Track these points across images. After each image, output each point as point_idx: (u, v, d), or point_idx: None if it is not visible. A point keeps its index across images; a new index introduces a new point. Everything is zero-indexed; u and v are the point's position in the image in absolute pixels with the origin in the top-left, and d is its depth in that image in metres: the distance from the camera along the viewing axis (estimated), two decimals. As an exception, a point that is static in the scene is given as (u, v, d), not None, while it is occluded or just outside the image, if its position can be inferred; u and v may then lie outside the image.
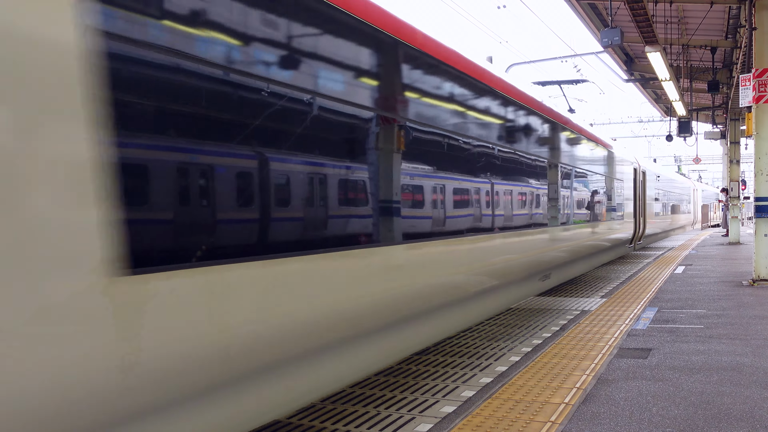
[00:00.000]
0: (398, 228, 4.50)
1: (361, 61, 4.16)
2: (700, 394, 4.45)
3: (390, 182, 4.47)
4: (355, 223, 4.06)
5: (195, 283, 2.74)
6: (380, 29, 4.36)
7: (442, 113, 5.15)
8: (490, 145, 5.96)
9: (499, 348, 5.97)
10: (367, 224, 4.17)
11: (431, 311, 4.92)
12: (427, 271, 4.75)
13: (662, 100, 24.94)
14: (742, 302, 8.43)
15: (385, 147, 4.42)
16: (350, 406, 4.42)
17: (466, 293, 5.36)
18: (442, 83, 5.21)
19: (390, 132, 4.48)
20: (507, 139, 6.39)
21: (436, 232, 4.90)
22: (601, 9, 14.82)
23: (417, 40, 4.91)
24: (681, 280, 10.93)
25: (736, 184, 21.39)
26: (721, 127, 25.85)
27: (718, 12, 14.47)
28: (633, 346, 5.93)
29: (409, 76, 4.75)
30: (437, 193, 4.97)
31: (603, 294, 9.26)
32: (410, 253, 4.59)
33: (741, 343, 5.99)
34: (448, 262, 5.02)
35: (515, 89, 6.90)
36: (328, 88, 3.81)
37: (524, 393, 4.56)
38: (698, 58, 18.98)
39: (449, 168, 5.19)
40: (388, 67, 4.47)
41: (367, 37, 4.23)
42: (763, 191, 9.98)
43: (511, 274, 6.46)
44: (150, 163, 2.62)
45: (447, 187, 5.12)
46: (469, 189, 5.52)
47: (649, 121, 51.12)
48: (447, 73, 5.31)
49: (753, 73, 9.91)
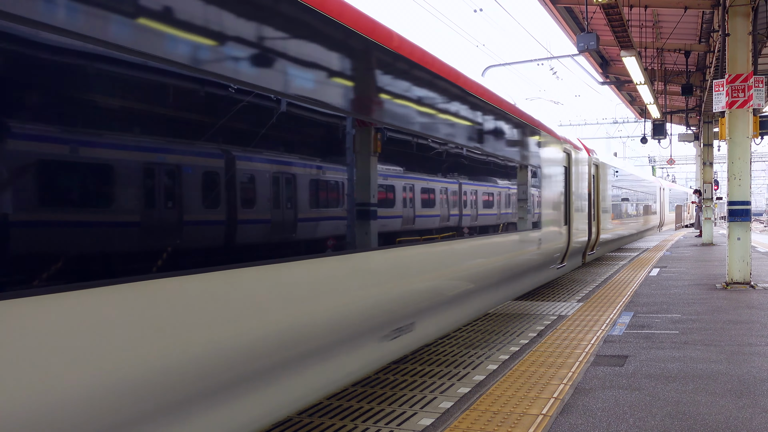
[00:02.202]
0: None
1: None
2: (676, 404, 4.47)
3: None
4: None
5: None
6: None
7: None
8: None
9: (476, 356, 5.96)
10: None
11: None
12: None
13: (637, 101, 25.21)
14: (716, 306, 8.52)
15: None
16: (327, 419, 4.37)
17: None
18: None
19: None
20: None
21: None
22: (578, 13, 14.93)
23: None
24: (656, 283, 11.03)
25: (709, 185, 21.68)
26: (694, 129, 26.19)
27: (692, 17, 14.64)
28: (609, 353, 5.96)
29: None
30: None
31: (579, 298, 9.31)
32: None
33: (716, 350, 6.04)
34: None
35: None
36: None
37: (502, 404, 4.55)
38: (672, 62, 19.20)
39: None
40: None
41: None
42: (736, 196, 10.11)
43: None
44: None
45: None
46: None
47: (623, 122, 51.65)
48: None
49: (726, 78, 10.04)
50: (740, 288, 10.06)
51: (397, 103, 5.15)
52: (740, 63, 9.96)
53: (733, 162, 10.10)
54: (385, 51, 4.88)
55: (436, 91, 5.92)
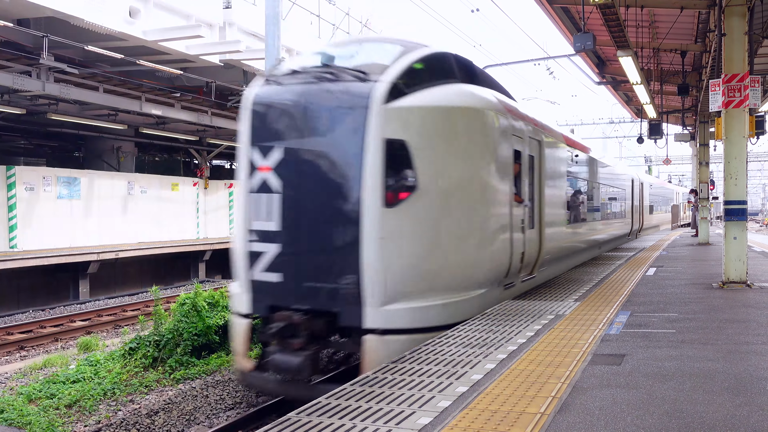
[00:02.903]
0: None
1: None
2: (674, 402, 4.48)
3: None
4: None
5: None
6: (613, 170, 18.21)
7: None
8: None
9: (474, 355, 5.97)
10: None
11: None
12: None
13: (633, 101, 25.24)
14: (712, 305, 8.55)
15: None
16: (326, 418, 4.38)
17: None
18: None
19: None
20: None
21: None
22: (574, 13, 14.95)
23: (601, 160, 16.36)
24: (653, 282, 11.05)
25: (705, 185, 21.73)
26: (690, 129, 26.24)
27: (688, 17, 14.67)
28: (607, 352, 5.97)
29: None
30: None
31: (577, 297, 9.32)
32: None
33: (712, 348, 6.06)
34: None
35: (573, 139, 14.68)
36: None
37: (500, 403, 4.56)
38: (669, 62, 19.24)
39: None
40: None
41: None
42: (732, 195, 10.13)
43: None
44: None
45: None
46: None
47: (620, 122, 51.74)
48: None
49: (722, 78, 10.06)
50: (737, 287, 10.09)
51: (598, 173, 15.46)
52: (736, 63, 9.98)
53: (729, 162, 10.12)
54: (610, 170, 16.55)
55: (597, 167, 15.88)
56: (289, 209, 6.84)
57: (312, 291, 6.77)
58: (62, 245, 17.59)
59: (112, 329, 13.91)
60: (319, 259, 6.78)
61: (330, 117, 6.77)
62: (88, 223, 18.51)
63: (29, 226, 16.80)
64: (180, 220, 22.04)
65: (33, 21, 14.85)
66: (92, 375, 9.15)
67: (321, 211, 6.76)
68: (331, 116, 6.77)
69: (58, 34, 14.34)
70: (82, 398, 8.32)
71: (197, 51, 16.86)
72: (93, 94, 16.36)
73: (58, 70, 14.83)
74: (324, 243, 6.74)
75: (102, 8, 14.17)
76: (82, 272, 17.01)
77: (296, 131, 6.88)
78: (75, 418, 7.92)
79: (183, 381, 9.23)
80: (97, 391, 8.56)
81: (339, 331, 6.97)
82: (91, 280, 17.39)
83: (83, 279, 17.14)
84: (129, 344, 9.84)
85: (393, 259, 6.70)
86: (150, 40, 15.51)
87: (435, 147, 7.11)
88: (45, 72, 14.80)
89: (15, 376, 9.91)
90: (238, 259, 7.19)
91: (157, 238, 20.92)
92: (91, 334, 12.82)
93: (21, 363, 10.90)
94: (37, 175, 17.23)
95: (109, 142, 21.08)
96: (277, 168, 6.89)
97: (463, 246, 7.47)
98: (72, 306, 16.36)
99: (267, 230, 6.92)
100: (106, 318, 14.57)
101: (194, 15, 16.42)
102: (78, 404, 8.21)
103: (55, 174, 17.84)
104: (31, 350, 12.16)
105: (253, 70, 18.81)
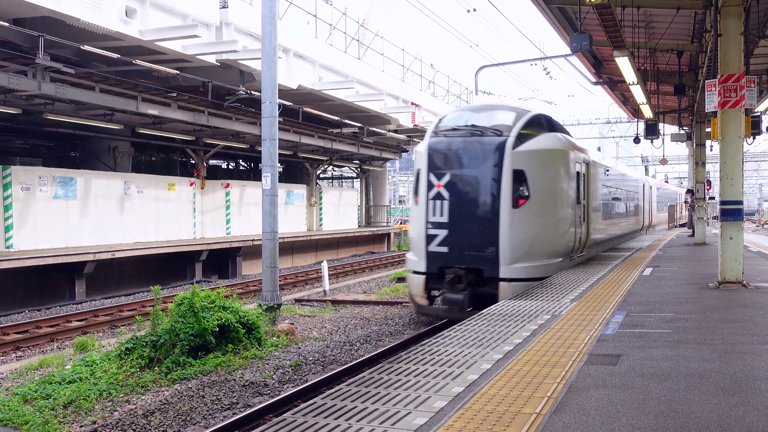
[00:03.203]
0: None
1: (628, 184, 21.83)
2: (669, 402, 4.49)
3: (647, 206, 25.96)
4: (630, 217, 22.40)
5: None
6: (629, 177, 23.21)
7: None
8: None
9: (470, 355, 5.97)
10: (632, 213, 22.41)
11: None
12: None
13: (630, 102, 25.28)
14: (708, 305, 8.56)
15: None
16: (321, 419, 4.38)
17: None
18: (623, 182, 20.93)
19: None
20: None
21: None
22: (571, 13, 14.95)
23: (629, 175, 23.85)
24: (649, 282, 11.07)
25: (702, 185, 21.76)
26: (687, 129, 26.29)
27: (684, 17, 14.69)
28: (603, 352, 5.98)
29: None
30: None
31: (573, 297, 9.33)
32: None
33: (708, 349, 6.07)
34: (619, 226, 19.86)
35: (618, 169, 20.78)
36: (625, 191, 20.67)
37: (496, 403, 4.56)
38: (665, 62, 19.27)
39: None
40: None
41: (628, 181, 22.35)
42: (728, 195, 10.15)
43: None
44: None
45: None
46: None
47: (616, 122, 51.81)
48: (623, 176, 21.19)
49: (718, 78, 10.08)
50: (733, 287, 10.10)
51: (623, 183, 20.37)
52: (732, 63, 10.00)
53: (726, 162, 10.14)
54: (628, 178, 22.12)
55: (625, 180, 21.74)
56: (453, 209, 11.52)
57: (468, 257, 11.38)
58: (58, 245, 17.55)
59: (109, 329, 13.88)
60: (472, 238, 11.36)
61: (481, 156, 11.46)
62: (84, 223, 18.48)
63: (25, 226, 16.76)
64: (176, 220, 22.01)
65: (29, 20, 14.81)
66: (88, 375, 9.12)
67: (473, 210, 11.42)
68: (482, 156, 11.46)
69: (54, 34, 14.31)
70: (78, 398, 8.30)
71: (194, 51, 16.83)
72: (89, 94, 16.32)
73: (54, 69, 14.79)
74: (475, 229, 11.34)
75: (98, 8, 14.14)
76: (78, 272, 16.97)
77: (458, 164, 11.61)
78: (71, 418, 7.90)
79: (179, 381, 9.22)
80: (93, 391, 8.54)
81: (484, 280, 11.34)
82: (87, 280, 17.35)
83: (79, 279, 17.09)
84: (125, 344, 9.82)
85: (515, 238, 11.21)
86: (146, 39, 15.48)
87: (538, 173, 11.57)
88: (41, 72, 14.77)
89: (11, 376, 9.88)
90: (419, 239, 11.85)
91: (153, 238, 20.88)
92: (87, 335, 12.79)
93: (17, 363, 10.87)
94: (33, 175, 17.19)
95: (106, 142, 21.03)
96: (446, 185, 11.60)
97: (552, 231, 12.01)
98: (68, 306, 16.33)
99: (440, 221, 11.59)
100: (102, 318, 14.54)
101: (191, 15, 16.39)
102: (74, 404, 8.19)
103: (51, 174, 17.79)
104: (27, 350, 12.13)
105: (249, 70, 18.79)
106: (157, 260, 20.18)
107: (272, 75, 12.38)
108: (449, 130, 11.98)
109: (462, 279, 11.29)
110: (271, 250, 12.44)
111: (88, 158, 21.21)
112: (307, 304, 16.31)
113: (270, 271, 12.46)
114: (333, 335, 12.40)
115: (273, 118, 12.40)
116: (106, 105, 17.06)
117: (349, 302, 16.24)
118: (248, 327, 10.81)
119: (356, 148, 30.35)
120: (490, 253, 11.23)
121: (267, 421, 6.86)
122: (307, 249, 28.27)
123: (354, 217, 34.65)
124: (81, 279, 17.13)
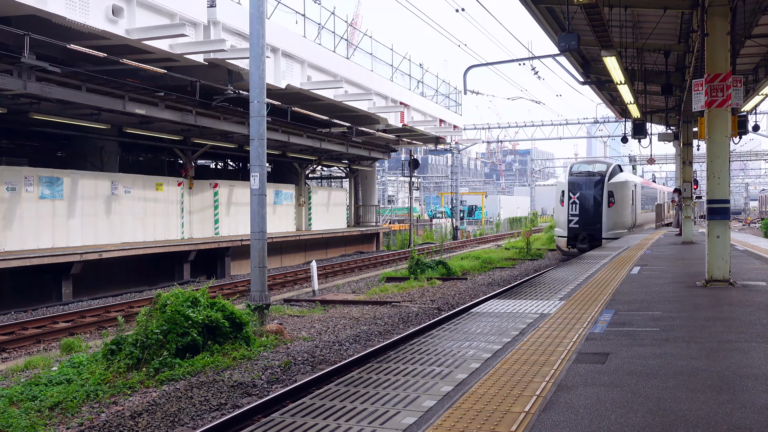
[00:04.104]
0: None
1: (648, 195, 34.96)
2: (657, 400, 4.50)
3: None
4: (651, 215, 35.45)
5: None
6: (652, 188, 37.70)
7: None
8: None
9: (460, 354, 5.96)
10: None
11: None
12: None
13: (617, 101, 25.38)
14: (696, 304, 8.60)
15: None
16: (309, 419, 4.35)
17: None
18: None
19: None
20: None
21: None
22: (559, 13, 14.99)
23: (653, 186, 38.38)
24: (637, 281, 11.11)
25: (689, 185, 21.90)
26: (674, 128, 26.44)
27: (672, 17, 14.77)
28: (591, 351, 5.99)
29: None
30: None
31: (561, 296, 9.35)
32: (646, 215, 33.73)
33: (696, 347, 6.10)
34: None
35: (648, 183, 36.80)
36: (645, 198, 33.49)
37: (485, 402, 4.55)
38: (652, 62, 19.36)
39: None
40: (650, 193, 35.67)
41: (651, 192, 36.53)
42: (715, 194, 10.21)
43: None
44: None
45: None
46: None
47: (604, 121, 52.06)
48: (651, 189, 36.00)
49: (705, 78, 10.13)
50: (720, 285, 10.17)
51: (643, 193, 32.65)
52: (719, 63, 10.06)
53: (713, 161, 10.20)
54: (651, 189, 36.66)
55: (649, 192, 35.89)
56: (580, 208, 24.73)
57: (588, 228, 24.60)
58: (45, 246, 17.41)
59: (96, 330, 13.78)
60: (589, 220, 24.61)
61: (592, 185, 24.84)
62: (71, 223, 18.34)
63: (11, 227, 16.61)
64: (164, 220, 21.90)
65: (14, 19, 14.67)
66: (75, 377, 9.04)
67: (589, 209, 24.66)
68: (593, 184, 24.84)
69: (40, 33, 14.19)
70: (64, 400, 8.22)
71: (181, 50, 16.74)
72: (75, 93, 16.20)
73: (40, 68, 14.66)
74: (591, 216, 24.59)
75: (84, 7, 14.03)
76: (65, 273, 16.84)
77: (581, 188, 24.84)
78: (57, 420, 7.83)
79: (167, 382, 9.16)
80: (79, 392, 8.46)
81: (596, 239, 24.36)
82: (74, 280, 17.22)
83: (66, 280, 16.96)
84: (110, 345, 9.73)
85: (608, 220, 24.67)
86: (133, 39, 15.38)
87: (618, 192, 25.14)
88: (26, 71, 14.63)
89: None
90: (564, 222, 25.06)
91: (141, 238, 20.77)
92: (74, 336, 12.69)
93: (2, 365, 10.77)
94: (19, 175, 17.04)
95: (93, 142, 20.88)
96: (577, 197, 24.76)
97: (624, 218, 25.64)
98: (55, 307, 16.20)
99: (574, 213, 24.73)
100: (89, 319, 14.43)
101: (178, 13, 16.30)
102: (60, 406, 8.12)
103: (37, 174, 17.64)
104: (13, 352, 12.02)
105: (238, 69, 18.71)
106: (144, 261, 20.07)
107: (260, 74, 12.33)
108: (578, 173, 25.19)
109: (585, 238, 24.34)
110: (260, 250, 12.39)
111: (75, 158, 21.05)
112: (296, 304, 16.26)
113: (259, 271, 12.40)
114: (322, 335, 12.37)
115: (261, 118, 12.35)
116: (93, 104, 16.93)
117: (338, 302, 16.22)
118: (234, 322, 10.72)
119: (345, 148, 30.36)
120: (598, 227, 24.40)
121: (256, 422, 6.82)
122: (296, 249, 28.23)
123: (343, 217, 34.64)
124: (68, 280, 17.00)
